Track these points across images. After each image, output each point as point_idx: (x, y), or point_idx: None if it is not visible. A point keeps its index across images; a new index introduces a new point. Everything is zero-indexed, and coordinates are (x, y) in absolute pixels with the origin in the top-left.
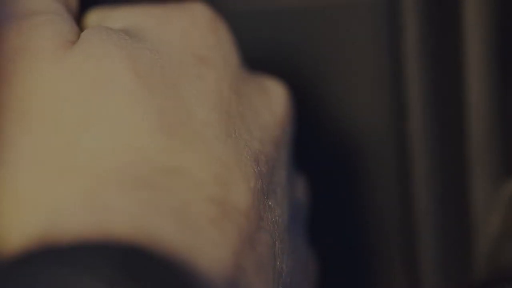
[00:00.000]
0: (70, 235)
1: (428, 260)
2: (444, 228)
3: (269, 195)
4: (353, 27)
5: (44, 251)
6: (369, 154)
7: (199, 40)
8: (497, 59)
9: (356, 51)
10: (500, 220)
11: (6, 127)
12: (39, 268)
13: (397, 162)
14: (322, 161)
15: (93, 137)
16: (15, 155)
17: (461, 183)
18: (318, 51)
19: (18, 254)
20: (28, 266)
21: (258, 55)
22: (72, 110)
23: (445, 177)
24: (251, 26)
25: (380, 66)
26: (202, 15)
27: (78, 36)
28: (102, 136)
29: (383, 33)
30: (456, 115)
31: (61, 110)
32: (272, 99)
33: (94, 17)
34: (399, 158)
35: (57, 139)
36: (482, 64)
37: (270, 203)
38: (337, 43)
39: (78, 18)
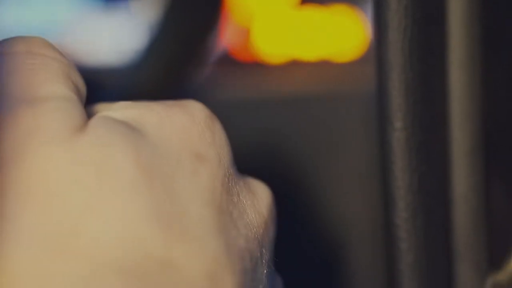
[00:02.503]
0: None
1: None
2: None
3: None
4: (343, 118)
5: None
6: (355, 244)
7: (197, 138)
8: (483, 153)
9: (345, 140)
10: None
11: (11, 202)
12: None
13: (384, 252)
14: (307, 254)
15: (94, 222)
16: (15, 229)
17: (447, 275)
18: (308, 140)
19: None
20: None
21: (249, 143)
22: (76, 193)
23: (430, 270)
24: (242, 115)
25: (369, 155)
26: (200, 113)
27: (86, 123)
28: (103, 221)
29: (372, 123)
30: (441, 207)
31: (66, 192)
32: (258, 200)
33: (100, 107)
34: (386, 249)
35: (59, 219)
36: (468, 157)
37: None
38: (328, 132)
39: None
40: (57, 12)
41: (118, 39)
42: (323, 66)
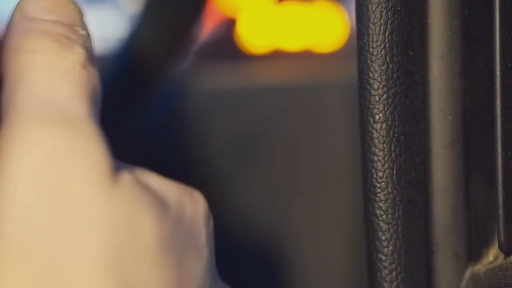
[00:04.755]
0: None
1: None
2: None
3: None
4: (325, 107)
5: None
6: (335, 234)
7: (197, 233)
8: (463, 145)
9: (327, 129)
10: None
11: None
12: None
13: (364, 242)
14: None
15: (112, 270)
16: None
17: (426, 267)
18: (290, 129)
19: None
20: None
21: (232, 132)
22: (94, 238)
23: (409, 261)
24: (225, 105)
25: (350, 145)
26: (203, 207)
27: (118, 172)
28: (120, 275)
29: (354, 113)
30: (421, 198)
31: (92, 230)
32: None
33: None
34: (366, 239)
35: (82, 250)
36: (448, 149)
37: None
38: (310, 121)
39: None
40: None
41: (102, 27)
42: (306, 56)
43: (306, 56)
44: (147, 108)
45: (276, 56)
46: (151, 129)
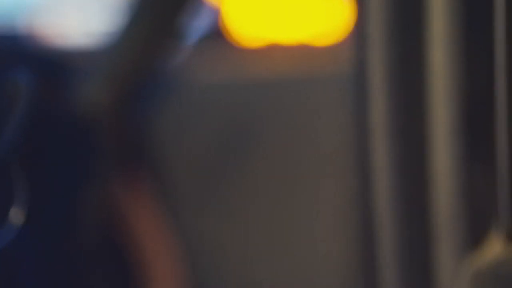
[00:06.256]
0: None
1: None
2: None
3: None
4: (321, 101)
5: None
6: (331, 226)
7: None
8: (463, 135)
9: (322, 123)
10: None
11: None
12: None
13: (360, 235)
14: None
15: None
16: None
17: (425, 257)
18: (286, 123)
19: None
20: None
21: (227, 125)
22: None
23: (408, 252)
24: (221, 98)
25: (346, 138)
26: None
27: None
28: None
29: (351, 104)
30: (421, 189)
31: None
32: None
33: None
34: (364, 232)
35: None
36: (448, 139)
37: None
38: (305, 115)
39: None
40: None
41: (92, 21)
42: (302, 50)
43: (303, 50)
44: (140, 102)
45: (272, 50)
46: (145, 123)
